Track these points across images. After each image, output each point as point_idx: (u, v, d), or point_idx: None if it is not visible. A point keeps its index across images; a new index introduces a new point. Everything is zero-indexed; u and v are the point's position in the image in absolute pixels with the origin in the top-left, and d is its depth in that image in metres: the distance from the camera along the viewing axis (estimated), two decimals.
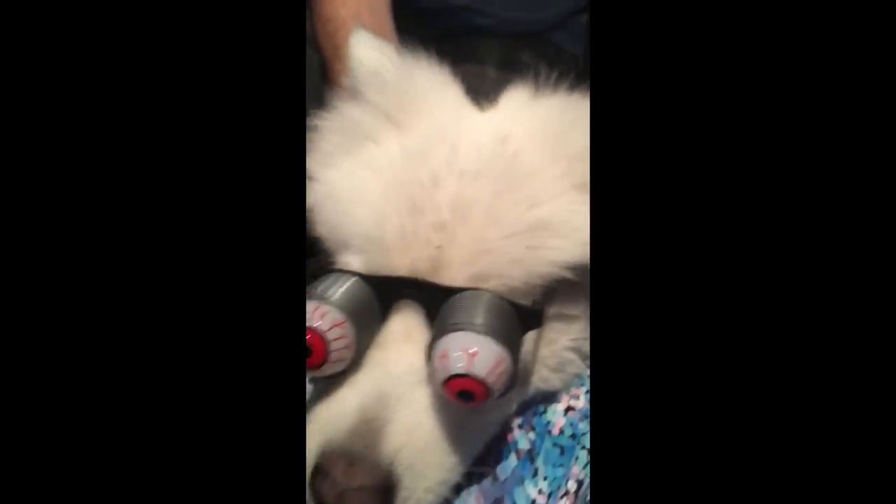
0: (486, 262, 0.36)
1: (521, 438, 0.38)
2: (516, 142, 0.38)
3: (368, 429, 0.33)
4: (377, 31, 0.61)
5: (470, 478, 0.36)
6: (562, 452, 0.37)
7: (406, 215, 0.36)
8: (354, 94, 0.44)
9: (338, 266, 0.39)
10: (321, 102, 0.47)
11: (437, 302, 0.35)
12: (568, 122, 0.39)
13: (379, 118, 0.41)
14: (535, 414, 0.39)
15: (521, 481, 0.37)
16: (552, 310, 0.38)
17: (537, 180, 0.37)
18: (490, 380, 0.32)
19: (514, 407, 0.38)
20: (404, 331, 0.36)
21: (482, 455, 0.37)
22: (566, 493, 0.35)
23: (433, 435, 0.34)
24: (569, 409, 0.39)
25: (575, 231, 0.36)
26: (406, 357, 0.35)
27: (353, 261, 0.38)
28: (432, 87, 0.43)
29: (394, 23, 0.71)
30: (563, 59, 0.88)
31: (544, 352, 0.38)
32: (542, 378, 0.39)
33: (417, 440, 0.33)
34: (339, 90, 0.47)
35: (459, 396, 0.32)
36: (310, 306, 0.34)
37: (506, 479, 0.37)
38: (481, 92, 0.46)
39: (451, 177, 0.37)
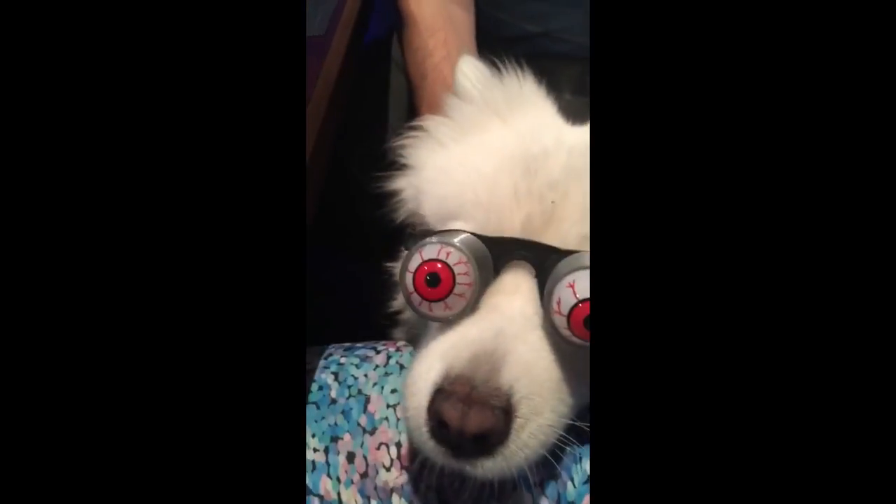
0: None
1: None
2: None
3: (489, 358, 0.35)
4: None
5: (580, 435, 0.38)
6: None
7: (520, 177, 0.41)
8: (458, 104, 0.50)
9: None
10: (407, 126, 0.54)
11: (547, 263, 0.38)
12: None
13: (488, 113, 0.48)
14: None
15: (580, 459, 0.40)
16: None
17: None
18: None
19: None
20: (516, 284, 0.39)
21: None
22: None
23: (550, 373, 0.37)
24: None
25: None
26: (519, 304, 0.39)
27: (463, 226, 0.42)
28: (534, 92, 0.50)
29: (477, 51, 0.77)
30: None
31: None
32: None
33: (535, 374, 0.36)
34: (425, 114, 0.53)
35: (587, 323, 0.35)
36: (433, 247, 0.38)
37: (564, 458, 0.40)
38: (561, 114, 0.52)
39: (560, 151, 0.42)
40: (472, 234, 0.40)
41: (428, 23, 0.74)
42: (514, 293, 0.39)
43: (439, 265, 0.37)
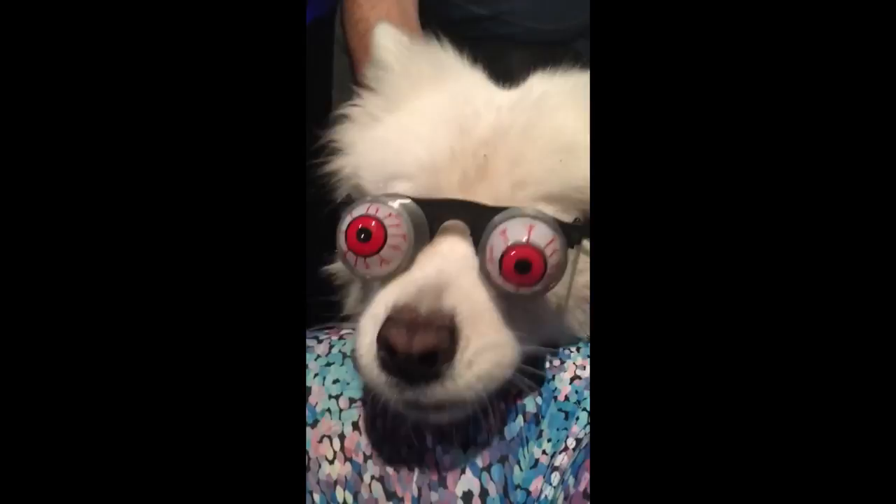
0: (524, 170, 0.41)
1: (529, 402, 0.41)
2: (539, 88, 0.46)
3: (431, 289, 0.37)
4: (407, 33, 0.69)
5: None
6: (566, 417, 0.40)
7: (455, 139, 0.43)
8: (382, 75, 0.50)
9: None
10: (351, 101, 0.53)
11: (480, 221, 0.39)
12: (581, 86, 0.45)
13: (417, 81, 0.49)
14: (543, 380, 0.42)
15: (526, 442, 0.39)
16: (585, 241, 0.41)
17: (561, 115, 0.43)
18: (547, 251, 0.36)
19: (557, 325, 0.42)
20: (452, 241, 0.41)
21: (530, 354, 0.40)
22: (565, 449, 0.38)
23: (489, 303, 0.38)
24: (574, 377, 0.41)
25: None
26: (457, 249, 0.40)
27: (401, 188, 0.43)
28: (458, 59, 0.51)
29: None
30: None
31: (577, 279, 0.42)
32: (568, 310, 0.42)
33: (475, 302, 0.37)
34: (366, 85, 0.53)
35: (517, 268, 0.36)
36: (362, 206, 0.39)
37: (512, 439, 0.39)
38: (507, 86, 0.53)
39: (489, 111, 0.44)
40: (407, 196, 0.41)
41: None
42: (452, 243, 0.40)
43: (372, 222, 0.38)
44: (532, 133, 0.42)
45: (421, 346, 0.34)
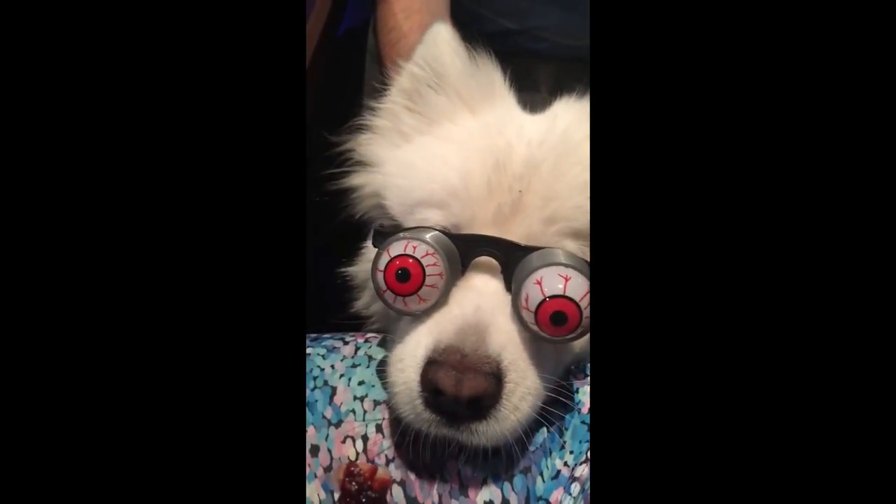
0: (555, 206, 0.42)
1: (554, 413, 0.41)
2: (564, 120, 0.46)
3: (474, 329, 0.37)
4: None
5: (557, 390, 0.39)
6: (588, 429, 0.40)
7: (491, 170, 0.43)
8: (425, 82, 0.50)
9: (411, 225, 0.44)
10: (380, 112, 0.53)
11: (512, 258, 0.40)
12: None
13: (457, 102, 0.49)
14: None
15: (549, 453, 0.39)
16: None
17: (584, 147, 0.43)
18: (583, 304, 0.36)
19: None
20: (484, 276, 0.41)
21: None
22: (586, 461, 0.38)
23: (530, 343, 0.38)
24: None
25: None
26: (491, 285, 0.40)
27: (431, 215, 0.43)
28: (502, 85, 0.51)
29: None
30: None
31: None
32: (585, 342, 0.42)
33: (517, 343, 0.38)
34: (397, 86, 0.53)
35: (553, 319, 0.36)
36: (400, 243, 0.39)
37: (535, 450, 0.39)
38: (534, 110, 0.53)
39: (521, 144, 0.44)
40: (439, 230, 0.41)
41: (404, 4, 0.73)
42: (485, 282, 0.41)
43: (410, 260, 0.39)
44: (560, 169, 0.43)
45: (470, 391, 0.35)
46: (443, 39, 0.51)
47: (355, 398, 0.42)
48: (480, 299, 0.39)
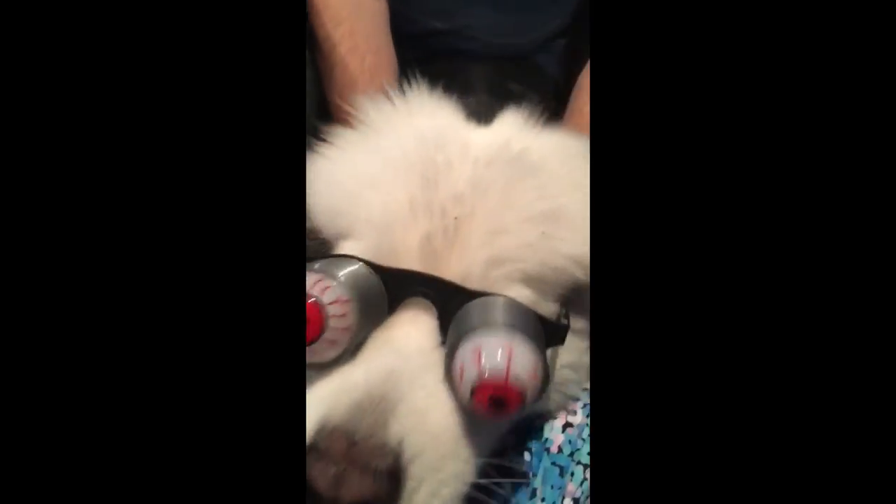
0: (503, 244, 0.35)
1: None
2: (519, 144, 0.39)
3: (375, 407, 0.29)
4: (372, 51, 0.66)
5: (488, 474, 0.33)
6: (560, 473, 0.36)
7: (417, 189, 0.35)
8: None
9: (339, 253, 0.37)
10: (318, 115, 0.48)
11: (451, 303, 0.33)
12: (568, 146, 0.41)
13: (392, 113, 0.43)
14: (529, 432, 0.38)
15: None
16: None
17: (545, 174, 0.37)
18: (528, 386, 0.29)
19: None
20: (413, 322, 0.34)
21: (498, 447, 0.35)
22: None
23: (448, 420, 0.30)
24: (567, 425, 0.38)
25: (585, 226, 0.34)
26: (415, 338, 0.33)
27: (355, 247, 0.36)
28: (439, 105, 0.44)
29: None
30: (546, 82, 0.89)
31: (558, 373, 0.37)
32: (544, 399, 0.37)
33: (430, 424, 0.30)
34: (335, 108, 0.48)
35: (491, 403, 0.29)
36: (311, 278, 0.32)
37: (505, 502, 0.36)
38: (472, 117, 0.47)
39: (465, 163, 0.37)
40: (367, 262, 0.34)
41: (332, 12, 0.69)
42: (411, 329, 0.34)
43: (311, 300, 0.31)
44: (512, 196, 0.36)
45: (352, 497, 0.27)
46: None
47: None
48: (398, 361, 0.31)
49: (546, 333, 0.32)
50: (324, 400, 0.30)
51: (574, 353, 0.37)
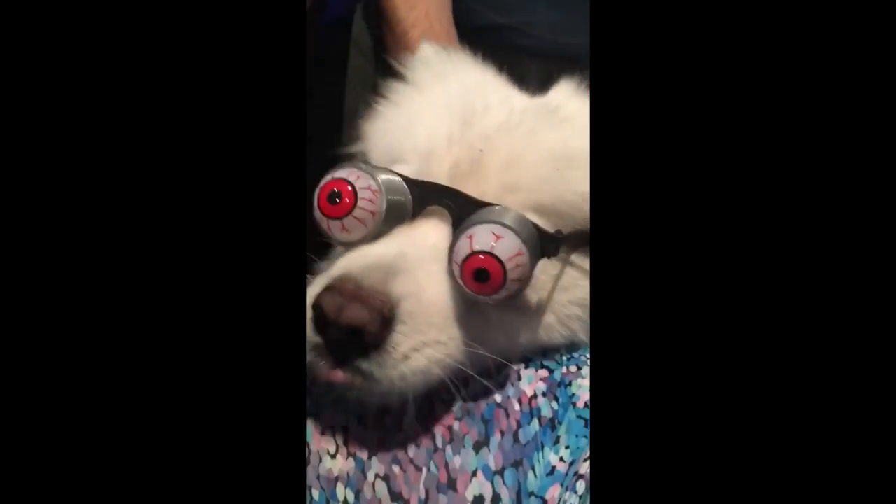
0: (518, 174, 0.40)
1: (545, 406, 0.38)
2: (559, 99, 0.45)
3: (383, 270, 0.35)
4: (444, 35, 0.72)
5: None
6: (585, 424, 0.38)
7: (456, 126, 0.42)
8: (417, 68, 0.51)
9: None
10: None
11: (465, 212, 0.38)
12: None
13: (442, 75, 0.49)
14: (559, 385, 0.39)
15: (542, 447, 0.37)
16: (574, 256, 0.40)
17: (572, 126, 0.42)
18: (509, 265, 0.34)
19: (517, 332, 0.40)
20: (432, 225, 0.39)
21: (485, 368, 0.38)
22: (587, 459, 0.35)
23: (441, 298, 0.36)
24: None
25: None
26: (431, 237, 0.38)
27: (401, 169, 0.41)
28: (487, 66, 0.50)
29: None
30: None
31: (558, 296, 0.40)
32: (546, 326, 0.41)
33: (426, 296, 0.36)
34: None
35: (476, 275, 0.35)
36: (346, 169, 0.38)
37: (527, 443, 0.37)
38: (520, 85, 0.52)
39: (501, 108, 0.43)
40: (398, 173, 0.39)
41: None
42: (429, 229, 0.39)
43: (347, 186, 0.37)
44: (535, 136, 0.41)
45: (349, 320, 0.33)
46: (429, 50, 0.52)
47: None
48: (410, 247, 0.38)
49: (541, 242, 0.37)
50: (346, 259, 0.37)
51: (579, 290, 0.41)
